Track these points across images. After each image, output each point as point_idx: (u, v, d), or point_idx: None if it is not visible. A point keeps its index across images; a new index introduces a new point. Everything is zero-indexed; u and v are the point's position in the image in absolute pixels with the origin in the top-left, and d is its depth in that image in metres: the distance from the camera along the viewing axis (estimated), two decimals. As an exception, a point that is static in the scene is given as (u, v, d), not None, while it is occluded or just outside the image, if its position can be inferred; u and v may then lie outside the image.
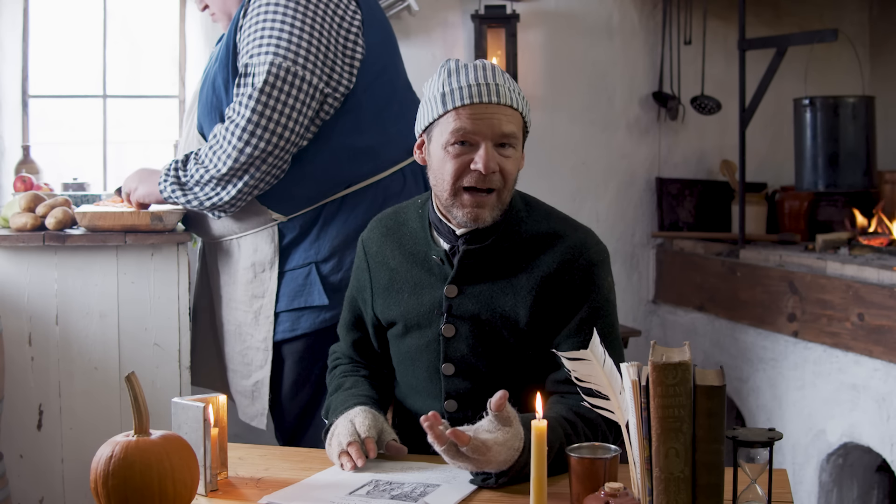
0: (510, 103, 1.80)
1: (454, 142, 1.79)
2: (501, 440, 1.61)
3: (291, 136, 2.35)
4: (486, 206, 1.81)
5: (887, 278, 2.84)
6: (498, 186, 1.81)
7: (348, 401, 1.88)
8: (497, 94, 1.79)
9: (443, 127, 1.81)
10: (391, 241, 1.98)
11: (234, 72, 2.42)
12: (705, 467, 1.35)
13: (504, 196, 1.83)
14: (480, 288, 1.87)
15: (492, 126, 1.78)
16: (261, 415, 2.57)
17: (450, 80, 1.81)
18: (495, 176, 1.79)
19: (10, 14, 3.34)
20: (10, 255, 2.62)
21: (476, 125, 1.78)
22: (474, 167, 1.78)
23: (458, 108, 1.78)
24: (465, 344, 1.87)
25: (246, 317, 2.55)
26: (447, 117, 1.80)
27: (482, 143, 1.78)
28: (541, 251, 1.86)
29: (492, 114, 1.78)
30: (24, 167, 3.21)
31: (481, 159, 1.77)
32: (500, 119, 1.78)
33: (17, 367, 2.63)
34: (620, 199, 3.94)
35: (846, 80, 3.90)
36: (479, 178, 1.79)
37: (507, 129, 1.79)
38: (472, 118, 1.78)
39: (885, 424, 2.81)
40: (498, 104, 1.78)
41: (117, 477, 1.45)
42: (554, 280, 1.84)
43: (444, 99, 1.80)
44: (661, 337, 3.86)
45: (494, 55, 3.66)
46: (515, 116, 1.81)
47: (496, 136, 1.79)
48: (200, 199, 2.42)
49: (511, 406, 1.65)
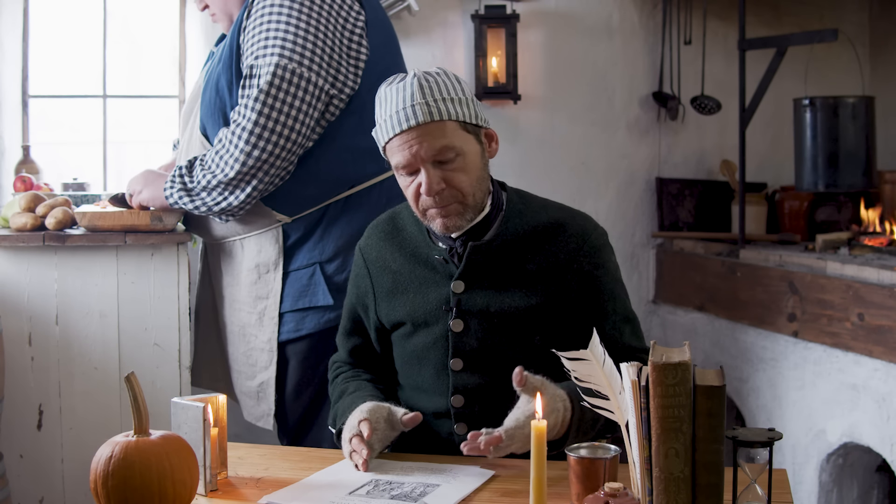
0: (432, 118, 1.79)
1: (401, 174, 1.85)
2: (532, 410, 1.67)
3: (298, 137, 2.34)
4: (452, 215, 1.85)
5: (887, 278, 2.84)
6: (454, 199, 1.83)
7: (355, 403, 1.89)
8: (414, 117, 1.79)
9: (389, 158, 1.86)
10: (391, 244, 1.99)
11: (237, 73, 2.41)
12: (705, 467, 1.35)
13: (469, 202, 1.85)
14: (488, 282, 1.89)
15: (420, 151, 1.80)
16: (267, 415, 2.57)
17: (380, 111, 1.85)
18: (445, 192, 1.82)
19: (10, 14, 3.34)
20: (10, 255, 2.62)
21: (407, 156, 1.81)
22: (422, 192, 1.83)
23: (389, 140, 1.83)
24: (475, 338, 1.88)
25: (250, 318, 2.55)
26: (388, 150, 1.85)
27: (420, 167, 1.82)
28: (545, 240, 1.89)
29: (416, 137, 1.80)
30: (24, 167, 3.21)
31: (424, 184, 1.81)
32: (427, 140, 1.80)
33: (17, 367, 2.63)
34: (620, 199, 3.94)
35: (846, 80, 3.89)
36: (431, 200, 1.83)
37: (437, 145, 1.80)
38: (402, 149, 1.81)
39: (885, 424, 2.81)
40: (419, 125, 1.79)
41: (117, 477, 1.45)
42: (562, 268, 1.87)
43: (378, 134, 1.86)
44: (661, 337, 3.86)
45: (494, 55, 3.66)
46: (445, 127, 1.80)
47: (429, 156, 1.81)
48: (209, 205, 2.42)
49: (535, 375, 1.72)
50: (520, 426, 1.68)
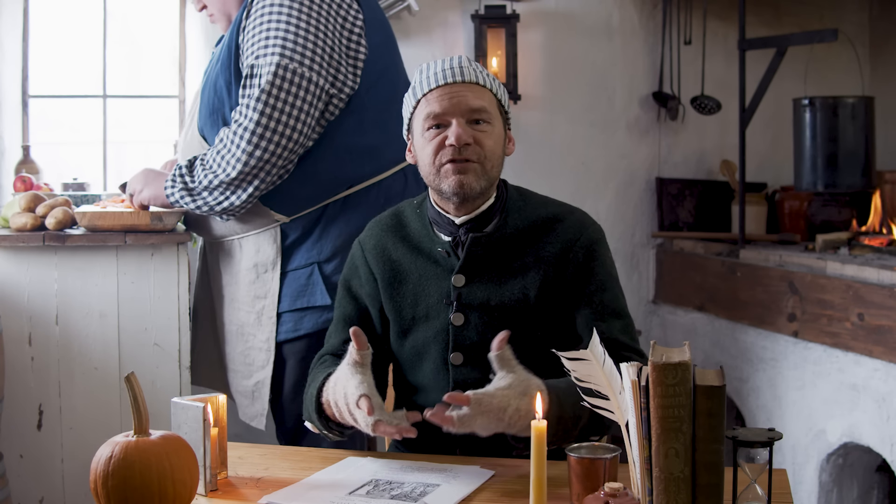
0: (477, 80, 1.87)
1: (429, 126, 1.87)
2: (504, 384, 1.68)
3: (300, 137, 2.35)
4: (469, 172, 1.85)
5: (887, 278, 2.84)
6: (477, 158, 1.86)
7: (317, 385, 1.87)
8: (461, 74, 1.86)
9: (418, 117, 1.89)
10: (393, 236, 1.99)
11: (236, 73, 2.41)
12: (705, 467, 1.35)
13: (489, 168, 1.87)
14: (488, 275, 1.90)
15: (459, 104, 1.85)
16: (260, 415, 2.57)
17: (419, 76, 1.91)
18: (471, 148, 1.85)
19: (10, 14, 3.34)
20: (10, 255, 2.62)
21: (444, 106, 1.85)
22: (448, 143, 1.85)
23: (427, 93, 1.87)
24: (475, 332, 1.89)
25: (248, 317, 2.55)
26: (420, 106, 1.89)
27: (453, 120, 1.85)
28: (543, 234, 1.91)
29: (457, 91, 1.85)
30: (24, 167, 3.21)
31: (453, 133, 1.84)
32: (466, 96, 1.85)
33: (17, 367, 2.63)
34: (620, 199, 3.94)
35: (846, 81, 3.89)
36: (455, 151, 1.84)
37: (475, 104, 1.86)
38: (440, 100, 1.85)
39: (885, 424, 2.81)
40: (463, 83, 1.86)
41: (117, 477, 1.45)
42: (559, 259, 1.89)
43: (414, 91, 1.90)
44: (661, 337, 3.86)
45: (494, 55, 3.66)
46: (485, 93, 1.88)
47: (465, 112, 1.85)
48: (210, 204, 2.42)
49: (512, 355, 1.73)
50: (488, 394, 1.67)
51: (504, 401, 1.67)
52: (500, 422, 1.67)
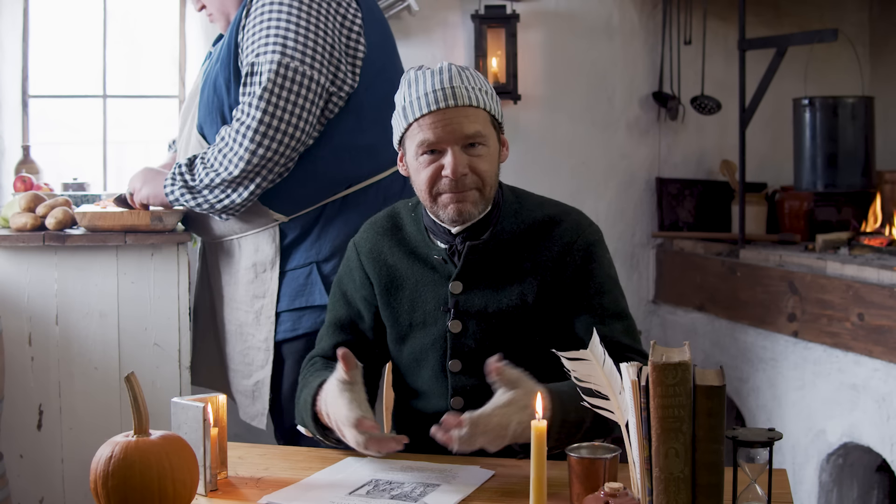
0: (470, 102, 1.80)
1: (422, 152, 1.82)
2: (504, 401, 1.65)
3: (301, 135, 2.35)
4: (468, 201, 1.83)
5: (887, 278, 2.84)
6: (475, 186, 1.83)
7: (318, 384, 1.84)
8: (454, 97, 1.79)
9: (410, 139, 1.83)
10: (389, 240, 1.97)
11: (236, 72, 2.42)
12: (705, 467, 1.35)
13: (486, 192, 1.85)
14: (485, 282, 1.88)
15: (454, 132, 1.79)
16: (261, 415, 2.57)
17: (409, 91, 1.83)
18: (468, 177, 1.81)
19: (10, 14, 3.34)
20: (10, 255, 2.62)
21: (438, 133, 1.79)
22: (444, 174, 1.80)
23: (419, 118, 1.80)
24: (473, 339, 1.88)
25: (247, 317, 2.55)
26: (412, 129, 1.82)
27: (448, 148, 1.80)
28: (540, 237, 1.89)
29: (451, 118, 1.79)
30: (24, 167, 3.21)
31: (449, 165, 1.79)
32: (461, 122, 1.79)
33: (17, 367, 2.63)
34: (620, 199, 3.94)
35: (846, 81, 3.89)
36: (451, 183, 1.81)
37: (470, 130, 1.80)
38: (433, 127, 1.79)
39: (885, 424, 2.81)
40: (456, 107, 1.79)
41: (117, 477, 1.45)
42: (556, 263, 1.87)
43: (405, 112, 1.83)
44: (661, 337, 3.86)
45: (494, 55, 3.66)
46: (479, 114, 1.82)
47: (460, 139, 1.80)
48: (211, 203, 2.42)
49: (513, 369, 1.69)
50: (485, 414, 1.64)
51: (504, 418, 1.65)
52: (503, 438, 1.66)
